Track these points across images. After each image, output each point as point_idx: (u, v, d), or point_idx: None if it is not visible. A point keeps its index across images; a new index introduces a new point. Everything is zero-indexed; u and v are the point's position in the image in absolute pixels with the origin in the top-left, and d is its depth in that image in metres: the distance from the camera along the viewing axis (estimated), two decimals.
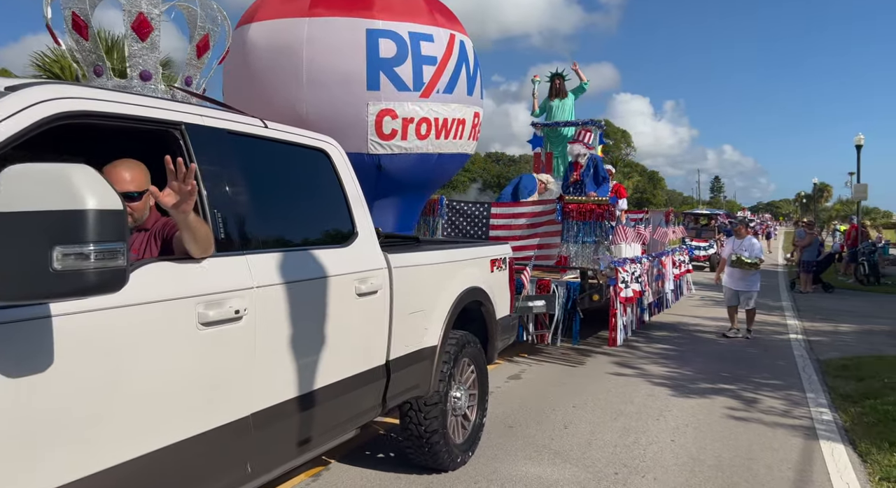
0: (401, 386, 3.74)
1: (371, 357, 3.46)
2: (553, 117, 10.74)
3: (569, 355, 7.92)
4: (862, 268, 18.36)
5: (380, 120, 4.36)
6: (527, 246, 7.85)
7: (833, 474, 4.48)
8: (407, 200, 4.76)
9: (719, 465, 4.58)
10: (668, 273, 9.92)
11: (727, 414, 5.79)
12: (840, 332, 10.46)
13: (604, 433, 5.20)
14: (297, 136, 3.28)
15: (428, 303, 3.97)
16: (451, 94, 4.60)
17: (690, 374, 7.24)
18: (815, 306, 13.64)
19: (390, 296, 3.61)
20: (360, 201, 3.57)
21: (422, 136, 4.52)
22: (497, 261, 4.86)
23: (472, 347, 4.46)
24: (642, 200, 57.80)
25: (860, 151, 22.37)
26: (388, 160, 4.45)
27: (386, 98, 4.34)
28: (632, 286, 7.48)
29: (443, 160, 4.82)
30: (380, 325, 3.53)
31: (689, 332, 10.11)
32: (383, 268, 3.58)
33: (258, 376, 2.71)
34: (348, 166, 3.57)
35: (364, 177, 4.35)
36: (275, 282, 2.82)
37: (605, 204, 7.65)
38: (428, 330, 3.96)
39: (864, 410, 5.78)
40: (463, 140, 4.80)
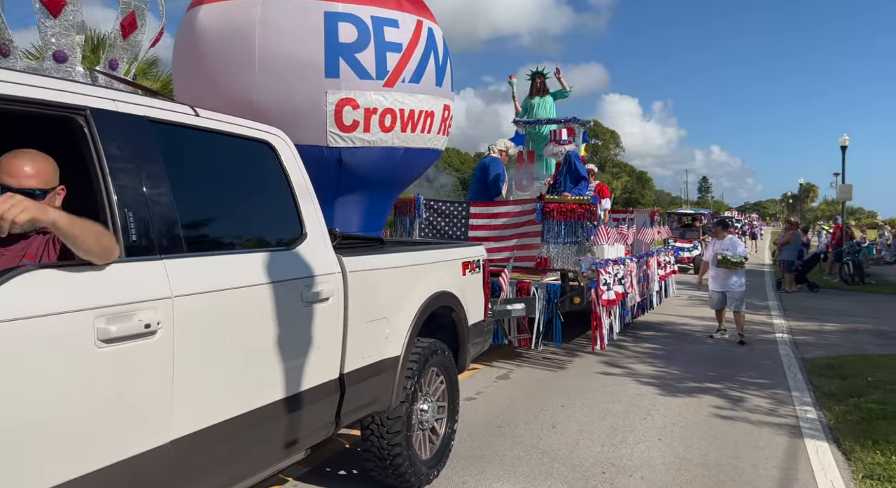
0: (357, 401, 3.33)
1: (321, 370, 3.05)
2: (534, 115, 10.22)
3: (552, 358, 7.52)
4: (847, 267, 18.12)
5: (339, 110, 3.89)
6: (506, 247, 7.41)
7: (818, 472, 4.41)
8: (373, 198, 4.28)
9: (706, 464, 4.50)
10: (653, 274, 9.44)
11: (714, 413, 5.70)
12: (825, 331, 10.31)
13: (591, 432, 5.11)
14: (235, 127, 2.86)
15: (390, 309, 3.56)
16: (417, 84, 4.11)
17: (678, 373, 7.12)
18: (801, 305, 13.44)
19: (345, 304, 3.20)
20: (310, 199, 3.16)
21: (386, 129, 4.04)
22: (470, 263, 4.44)
23: (442, 356, 4.06)
24: (631, 200, 57.34)
25: (845, 152, 22.13)
26: (349, 154, 3.98)
27: (346, 86, 3.85)
28: (614, 288, 7.02)
29: (410, 155, 4.35)
30: (332, 336, 3.12)
31: (677, 332, 9.95)
32: (336, 272, 3.16)
33: (179, 397, 2.30)
34: (297, 160, 3.16)
35: (323, 172, 3.91)
36: (200, 290, 2.41)
37: (586, 203, 7.19)
38: (389, 339, 3.55)
39: (848, 408, 5.72)
40: (432, 134, 4.32)
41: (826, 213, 63.20)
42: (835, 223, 23.69)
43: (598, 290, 6.72)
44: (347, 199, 4.12)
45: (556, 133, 8.64)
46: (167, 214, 2.39)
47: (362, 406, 3.39)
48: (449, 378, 4.18)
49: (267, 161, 3.02)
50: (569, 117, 9.20)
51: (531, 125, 9.82)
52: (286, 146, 3.12)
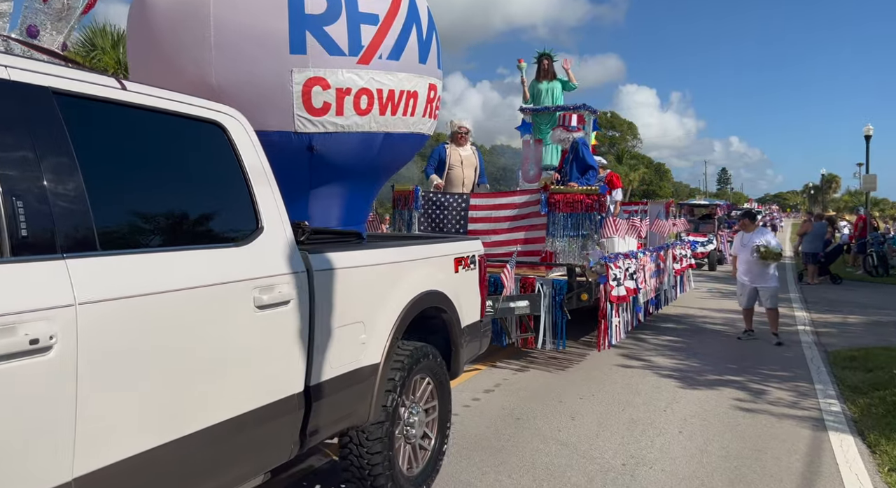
0: (328, 416, 2.85)
1: (280, 384, 2.58)
2: (541, 101, 9.43)
3: (564, 355, 7.02)
4: (871, 259, 17.28)
5: (308, 91, 3.32)
6: (509, 240, 6.79)
7: (842, 465, 4.23)
8: (354, 190, 3.72)
9: (727, 456, 4.35)
10: (668, 268, 8.72)
11: (735, 405, 5.50)
12: (848, 324, 9.88)
13: (611, 424, 4.97)
14: (175, 104, 2.39)
15: (367, 312, 3.07)
16: (397, 61, 3.51)
17: (697, 366, 6.87)
18: (823, 298, 12.86)
19: (310, 307, 2.73)
20: (269, 189, 2.69)
21: (362, 111, 3.46)
22: (463, 259, 3.92)
23: (431, 361, 3.56)
24: (649, 192, 55.97)
25: (869, 142, 21.06)
26: (321, 140, 3.43)
27: (315, 64, 3.26)
28: (625, 284, 6.39)
29: (392, 141, 3.76)
30: (293, 344, 2.65)
31: (696, 324, 9.56)
32: (299, 271, 2.68)
33: (85, 425, 1.85)
34: (255, 145, 2.68)
35: (294, 161, 3.40)
36: (116, 295, 1.95)
37: (594, 194, 6.53)
38: (367, 345, 3.06)
39: (873, 401, 5.51)
40: (416, 117, 3.71)
41: (849, 204, 61.09)
42: (857, 214, 22.62)
43: (608, 286, 6.12)
44: (324, 191, 3.60)
45: (564, 118, 7.93)
46: (74, 205, 1.93)
47: (334, 421, 2.92)
48: (439, 385, 3.69)
49: (216, 144, 2.55)
50: (578, 104, 8.55)
51: (538, 112, 9.10)
52: (240, 128, 2.65)
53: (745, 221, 8.62)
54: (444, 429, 3.76)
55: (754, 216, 8.85)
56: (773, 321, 8.21)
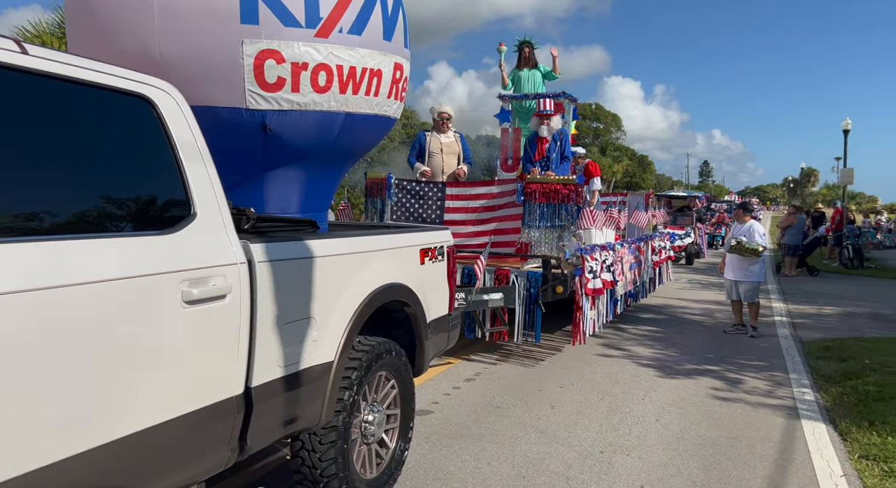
0: (273, 419, 2.55)
1: (215, 386, 2.28)
2: (521, 89, 8.97)
3: (539, 348, 6.80)
4: (846, 251, 17.19)
5: (260, 64, 2.94)
6: (484, 231, 6.46)
7: (814, 452, 4.23)
8: (314, 174, 3.36)
9: (703, 444, 4.34)
10: (647, 260, 8.42)
11: (712, 394, 5.47)
12: (823, 315, 9.87)
13: (590, 413, 4.92)
14: (91, 73, 2.06)
15: (319, 307, 2.76)
16: (359, 36, 3.15)
17: (676, 356, 6.83)
18: (800, 289, 12.79)
19: (251, 301, 2.42)
20: (205, 172, 2.36)
21: (320, 89, 3.06)
22: (430, 250, 3.61)
23: (392, 358, 3.27)
24: (632, 184, 55.71)
25: (847, 136, 20.89)
26: (275, 118, 3.04)
27: (268, 35, 2.88)
28: (602, 276, 6.10)
29: (353, 122, 3.26)
30: (231, 342, 2.34)
31: (676, 315, 9.54)
32: (239, 262, 2.37)
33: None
34: (189, 122, 2.35)
35: (246, 140, 3.03)
36: (2, 290, 1.65)
37: (571, 184, 6.19)
38: (319, 342, 2.76)
39: (845, 390, 5.54)
40: (380, 98, 3.28)
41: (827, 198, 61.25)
42: (834, 208, 22.55)
43: (583, 279, 5.82)
44: (280, 175, 3.24)
45: (540, 103, 7.50)
46: None
47: (281, 424, 2.62)
48: (402, 383, 3.39)
49: (141, 120, 2.21)
50: (558, 92, 8.19)
51: (517, 100, 8.66)
52: (172, 103, 2.31)
53: (738, 212, 8.41)
54: (406, 428, 3.47)
55: (749, 208, 8.58)
56: (751, 314, 8.04)
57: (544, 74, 8.96)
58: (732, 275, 8.00)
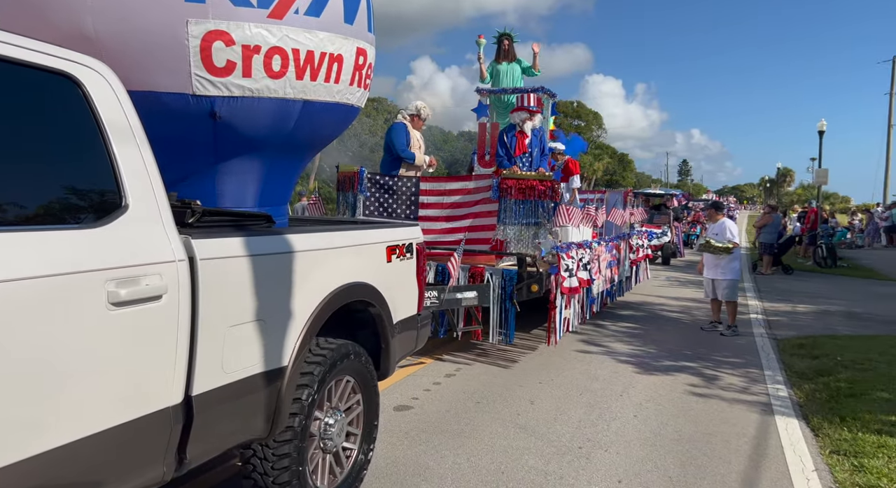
0: (217, 430, 2.31)
1: (148, 396, 2.03)
2: (500, 83, 8.70)
3: (515, 347, 6.63)
4: (820, 250, 17.18)
5: (207, 46, 2.67)
6: (459, 227, 6.18)
7: (787, 448, 4.25)
8: (272, 166, 3.13)
9: (679, 439, 4.33)
10: (624, 258, 8.28)
11: (688, 390, 5.46)
12: (798, 313, 9.89)
13: (569, 408, 4.90)
14: (7, 47, 1.82)
15: (271, 308, 2.52)
16: (317, 19, 2.90)
17: (654, 352, 6.80)
18: (775, 287, 12.78)
19: (192, 302, 2.18)
20: (139, 159, 2.11)
21: (275, 74, 2.82)
22: (397, 247, 3.38)
23: (355, 361, 3.04)
24: (612, 182, 55.79)
25: (822, 137, 20.94)
26: (225, 105, 2.74)
27: (216, 15, 2.63)
28: (578, 274, 5.88)
29: (312, 110, 3.11)
30: (168, 347, 2.10)
31: (654, 312, 9.46)
32: (178, 260, 2.12)
33: None
34: (122, 105, 2.10)
35: (194, 129, 2.76)
36: None
37: (547, 180, 5.97)
38: (271, 346, 2.51)
39: (818, 387, 5.55)
40: (341, 85, 3.04)
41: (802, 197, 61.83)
42: (809, 207, 22.63)
43: (559, 277, 5.61)
44: (235, 167, 2.97)
45: (522, 98, 7.23)
46: None
47: (227, 435, 2.38)
48: (365, 387, 3.16)
49: (65, 101, 1.96)
50: (537, 86, 7.96)
51: (495, 94, 8.37)
52: (102, 83, 2.06)
53: (710, 211, 8.39)
54: (369, 436, 3.24)
55: (721, 207, 8.54)
56: (728, 313, 7.96)
57: (524, 69, 8.70)
58: (710, 273, 7.96)
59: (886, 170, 32.99)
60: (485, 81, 8.73)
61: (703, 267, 8.17)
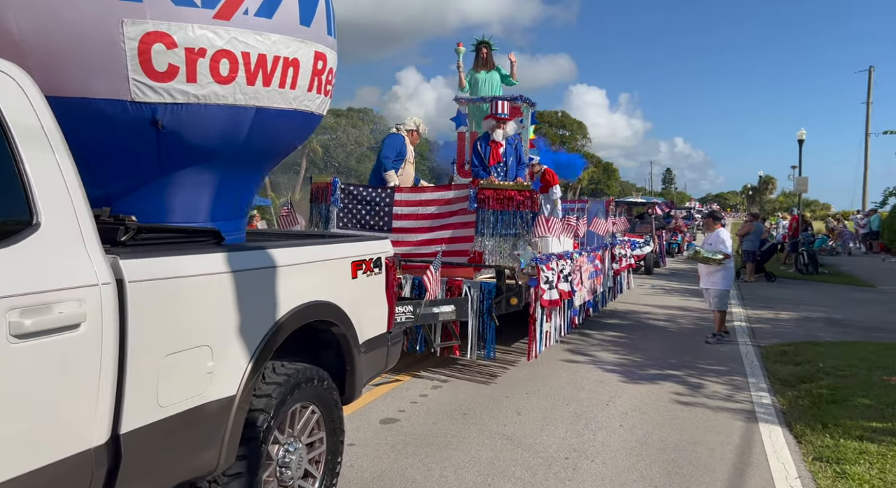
0: (150, 471, 2.02)
1: (64, 438, 1.76)
2: (479, 91, 8.42)
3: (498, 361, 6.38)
4: (802, 257, 17.07)
5: (146, 49, 2.42)
6: (436, 239, 5.91)
7: (770, 455, 4.23)
8: (226, 178, 2.86)
9: (665, 448, 4.30)
10: (606, 268, 8.06)
11: (674, 399, 5.41)
12: (780, 319, 9.81)
13: (555, 419, 4.84)
14: None
15: (217, 333, 2.26)
16: (269, 20, 2.64)
17: (640, 361, 6.73)
18: (758, 294, 12.65)
19: (120, 330, 1.92)
20: (54, 169, 1.83)
21: (223, 79, 2.56)
22: (364, 262, 3.13)
23: (315, 386, 2.77)
24: (597, 191, 55.72)
25: (802, 146, 20.99)
26: (168, 113, 2.50)
27: (155, 15, 2.38)
28: (559, 286, 5.64)
29: (267, 117, 2.85)
30: (88, 381, 1.83)
31: (640, 320, 9.35)
32: (102, 283, 1.86)
33: None
34: (34, 108, 1.84)
35: (135, 139, 2.48)
36: None
37: (525, 190, 5.73)
38: (216, 374, 2.25)
39: (800, 394, 5.51)
40: (298, 91, 2.84)
41: (784, 205, 62.09)
42: (791, 215, 22.61)
43: (539, 290, 5.36)
44: (184, 179, 2.69)
45: (495, 106, 6.97)
46: None
47: (165, 475, 2.11)
48: (327, 413, 2.87)
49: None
50: (516, 95, 7.76)
51: (475, 103, 8.11)
52: (8, 82, 1.81)
53: (708, 221, 8.28)
54: (333, 466, 2.95)
55: (717, 217, 8.36)
56: (715, 321, 7.82)
57: (502, 77, 8.50)
58: (702, 281, 7.88)
59: (865, 177, 33.21)
60: (463, 90, 8.51)
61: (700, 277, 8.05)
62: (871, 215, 25.11)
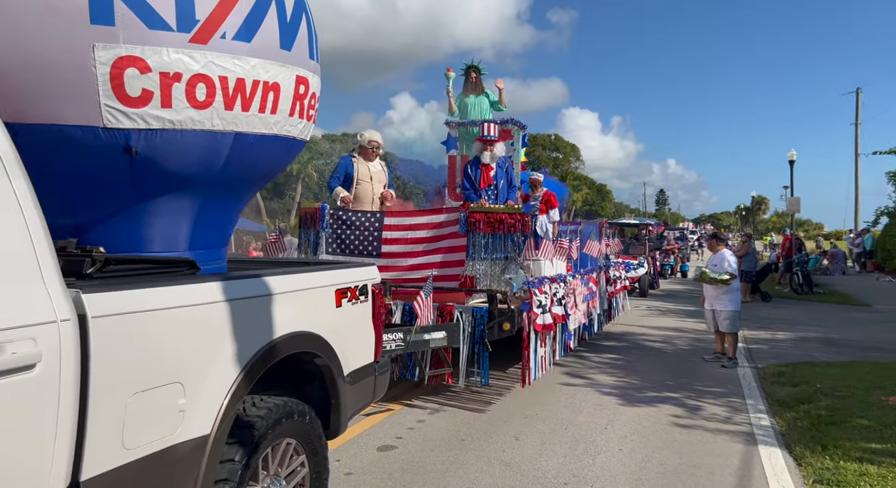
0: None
1: (18, 486, 1.65)
2: (468, 115, 8.37)
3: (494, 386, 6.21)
4: (796, 277, 16.92)
5: (119, 74, 2.33)
6: (426, 264, 5.78)
7: (771, 478, 4.16)
8: (205, 205, 2.76)
9: (664, 472, 4.24)
10: (601, 291, 7.92)
11: (672, 421, 5.32)
12: (777, 340, 9.70)
13: (554, 444, 4.76)
14: None
15: (189, 368, 2.12)
16: (248, 44, 2.57)
17: (637, 383, 6.64)
18: (754, 315, 12.49)
19: (82, 369, 1.78)
20: (8, 195, 1.74)
21: (200, 104, 2.47)
22: (349, 290, 3.02)
23: (297, 421, 2.62)
24: (592, 212, 55.80)
25: (793, 166, 21.05)
26: (142, 139, 2.41)
27: (128, 39, 2.30)
28: (553, 310, 5.50)
29: (246, 143, 2.74)
30: (44, 425, 1.69)
31: (637, 342, 9.22)
32: (59, 320, 1.75)
33: None
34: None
35: (108, 166, 2.38)
36: None
37: (516, 213, 5.61)
38: (188, 412, 2.11)
39: (799, 415, 5.42)
40: (279, 116, 2.75)
41: (777, 225, 62.07)
42: (784, 235, 22.55)
43: (532, 314, 5.21)
44: (161, 207, 2.58)
45: (484, 128, 6.85)
46: None
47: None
48: (311, 450, 2.72)
49: None
50: (506, 118, 7.72)
51: (464, 127, 8.07)
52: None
53: (712, 242, 8.16)
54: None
55: (722, 238, 8.25)
56: (729, 344, 7.62)
57: (491, 103, 8.45)
58: (709, 303, 7.71)
59: (856, 197, 33.25)
60: (453, 115, 8.45)
61: (702, 301, 7.89)
62: (864, 234, 25.06)
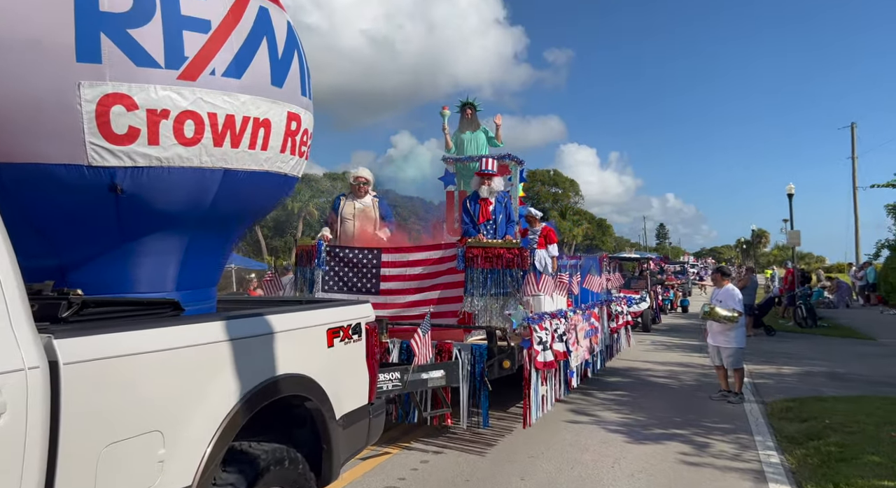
0: None
1: None
2: (465, 151, 8.37)
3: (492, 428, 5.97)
4: (800, 311, 16.63)
5: (105, 111, 2.28)
6: (424, 300, 5.67)
7: None
8: (194, 244, 2.69)
9: None
10: (603, 326, 7.73)
11: (680, 459, 5.19)
12: (783, 374, 9.49)
13: (560, 483, 4.64)
14: None
15: (168, 416, 2.00)
16: (238, 80, 2.54)
17: (644, 420, 6.49)
18: (759, 349, 12.24)
19: (51, 419, 1.67)
20: None
21: (188, 141, 2.42)
22: (342, 329, 2.90)
23: (286, 469, 2.48)
24: (592, 247, 55.73)
25: (792, 200, 21.11)
26: (128, 177, 2.35)
27: (115, 76, 2.27)
28: (554, 347, 5.32)
29: (235, 179, 2.68)
30: (8, 480, 1.59)
31: (641, 377, 9.08)
32: (27, 368, 1.64)
33: None
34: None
35: (93, 205, 2.32)
36: None
37: (514, 248, 5.51)
38: (168, 463, 1.98)
39: (808, 452, 5.27)
40: (270, 152, 2.70)
41: (778, 258, 61.78)
42: (786, 268, 22.38)
43: (532, 351, 5.04)
44: (148, 247, 2.51)
45: (482, 162, 6.78)
46: None
47: None
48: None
49: None
50: (503, 153, 7.71)
51: (462, 162, 8.04)
52: None
53: (717, 277, 7.94)
54: None
55: (727, 272, 8.07)
56: (735, 380, 7.42)
57: (488, 139, 8.45)
58: (714, 340, 7.48)
59: (856, 231, 33.13)
60: (450, 151, 8.46)
61: (706, 335, 7.69)
62: (867, 267, 24.89)
